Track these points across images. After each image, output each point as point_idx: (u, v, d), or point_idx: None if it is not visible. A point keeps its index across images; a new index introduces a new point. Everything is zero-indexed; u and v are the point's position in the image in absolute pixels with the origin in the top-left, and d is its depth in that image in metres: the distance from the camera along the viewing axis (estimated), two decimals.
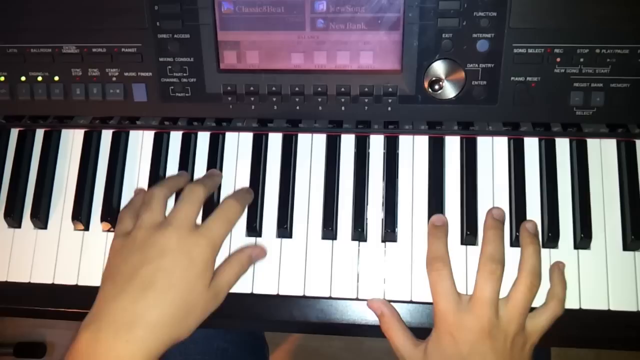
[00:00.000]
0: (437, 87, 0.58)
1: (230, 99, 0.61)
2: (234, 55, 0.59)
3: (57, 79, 0.62)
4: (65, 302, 0.62)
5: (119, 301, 0.50)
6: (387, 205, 0.61)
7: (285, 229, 0.61)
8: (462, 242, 0.60)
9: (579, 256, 0.59)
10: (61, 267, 0.63)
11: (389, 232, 0.60)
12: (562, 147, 0.62)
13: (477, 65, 0.57)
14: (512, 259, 0.57)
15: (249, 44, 0.59)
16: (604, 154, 0.61)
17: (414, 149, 0.63)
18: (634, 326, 0.57)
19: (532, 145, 0.62)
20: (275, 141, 0.65)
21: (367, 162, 0.63)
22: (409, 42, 0.57)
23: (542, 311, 0.55)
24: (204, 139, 0.65)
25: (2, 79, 0.62)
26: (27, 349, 1.43)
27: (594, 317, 0.57)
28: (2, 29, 0.61)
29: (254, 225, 0.61)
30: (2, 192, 0.66)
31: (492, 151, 0.62)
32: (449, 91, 0.58)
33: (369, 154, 0.63)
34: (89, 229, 0.64)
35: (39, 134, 0.67)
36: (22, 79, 0.62)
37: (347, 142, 0.64)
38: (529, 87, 0.58)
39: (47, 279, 0.63)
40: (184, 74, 0.60)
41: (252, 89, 0.60)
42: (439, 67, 0.58)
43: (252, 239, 0.61)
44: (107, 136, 0.67)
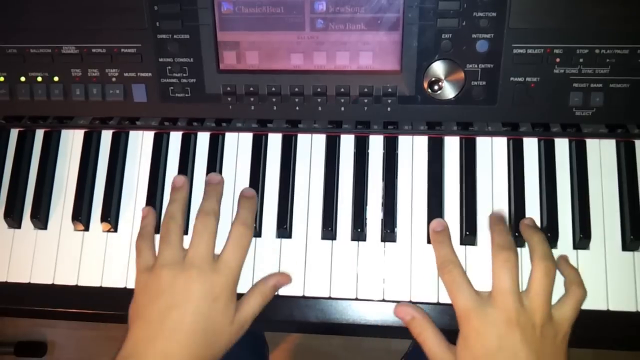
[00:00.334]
0: (436, 87, 0.58)
1: (229, 99, 0.61)
2: (234, 55, 0.59)
3: (56, 79, 0.62)
4: (65, 303, 0.62)
5: (155, 345, 0.53)
6: (387, 205, 0.61)
7: (284, 229, 0.61)
8: (462, 242, 0.60)
9: (578, 256, 0.59)
10: (61, 267, 0.63)
11: (389, 232, 0.60)
12: (562, 147, 0.62)
13: (476, 65, 0.57)
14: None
15: (248, 45, 0.59)
16: (603, 155, 0.61)
17: (414, 150, 0.63)
18: (633, 326, 0.57)
19: (531, 145, 0.62)
20: (274, 141, 0.65)
21: (366, 163, 0.63)
22: (408, 42, 0.57)
23: (565, 299, 0.55)
24: (203, 140, 0.65)
25: (1, 79, 0.62)
26: (28, 348, 1.43)
27: (593, 317, 0.57)
28: (2, 29, 0.61)
29: (253, 225, 0.61)
30: (2, 193, 0.66)
31: (492, 151, 0.62)
32: (449, 91, 0.58)
33: (368, 154, 0.63)
34: (89, 229, 0.64)
35: (39, 135, 0.67)
36: (22, 79, 0.62)
37: (347, 143, 0.64)
38: (528, 88, 0.58)
39: (47, 280, 0.63)
40: (184, 75, 0.60)
41: (251, 89, 0.60)
42: (438, 68, 0.58)
43: (252, 239, 0.61)
44: (107, 136, 0.67)
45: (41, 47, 0.61)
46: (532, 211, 0.60)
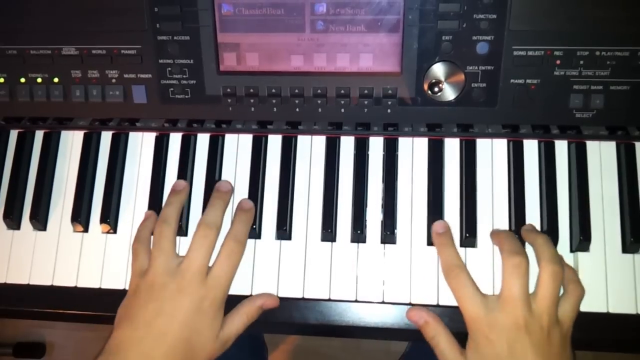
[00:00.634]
0: (436, 89, 0.58)
1: (229, 100, 0.61)
2: (234, 57, 0.59)
3: (56, 80, 0.62)
4: (64, 304, 0.62)
5: (139, 348, 0.54)
6: (387, 207, 0.61)
7: (284, 230, 0.61)
8: (462, 245, 0.60)
9: (578, 259, 0.59)
10: (60, 268, 0.63)
11: (388, 234, 0.60)
12: (562, 149, 0.62)
13: (476, 67, 0.57)
14: None
15: (248, 46, 0.59)
16: (603, 157, 0.61)
17: (414, 151, 0.63)
18: (633, 328, 0.57)
19: (531, 147, 0.62)
20: (274, 143, 0.65)
21: (366, 164, 0.63)
22: (408, 44, 0.57)
23: (565, 298, 0.55)
24: (203, 141, 0.65)
25: (1, 81, 0.62)
26: (27, 349, 1.43)
27: (593, 320, 0.57)
28: (2, 30, 0.61)
29: (253, 227, 0.61)
30: (2, 194, 0.66)
31: (492, 153, 0.62)
32: (449, 93, 0.58)
33: (368, 155, 0.63)
34: (88, 230, 0.64)
35: (39, 136, 0.67)
36: (22, 80, 0.62)
37: (347, 144, 0.64)
38: (528, 90, 0.58)
39: (46, 281, 0.63)
40: (184, 76, 0.60)
41: (251, 90, 0.60)
42: (438, 70, 0.58)
43: (252, 240, 0.61)
44: (106, 138, 0.67)
45: (41, 49, 0.61)
46: (532, 213, 0.60)
